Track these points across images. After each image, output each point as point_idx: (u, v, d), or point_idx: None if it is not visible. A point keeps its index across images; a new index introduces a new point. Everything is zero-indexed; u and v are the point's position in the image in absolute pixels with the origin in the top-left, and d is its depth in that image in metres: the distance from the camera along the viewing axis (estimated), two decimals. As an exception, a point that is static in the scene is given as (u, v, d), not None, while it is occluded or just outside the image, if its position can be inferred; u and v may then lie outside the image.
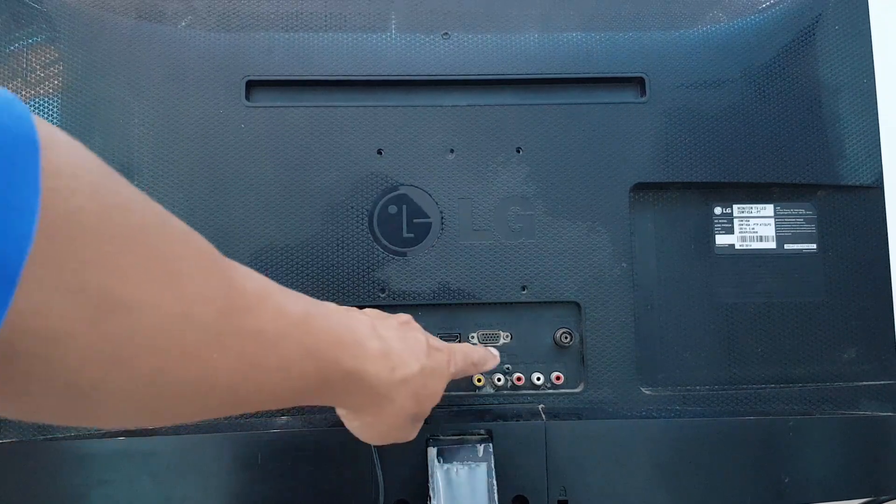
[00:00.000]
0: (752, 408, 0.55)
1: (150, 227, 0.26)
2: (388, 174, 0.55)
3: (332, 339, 0.37)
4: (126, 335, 0.25)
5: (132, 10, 0.56)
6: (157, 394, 0.28)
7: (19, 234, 0.20)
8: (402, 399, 0.41)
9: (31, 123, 0.21)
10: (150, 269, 0.25)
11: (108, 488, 0.49)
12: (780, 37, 0.58)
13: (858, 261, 0.57)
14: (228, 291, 0.30)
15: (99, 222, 0.23)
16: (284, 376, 0.34)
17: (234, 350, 0.30)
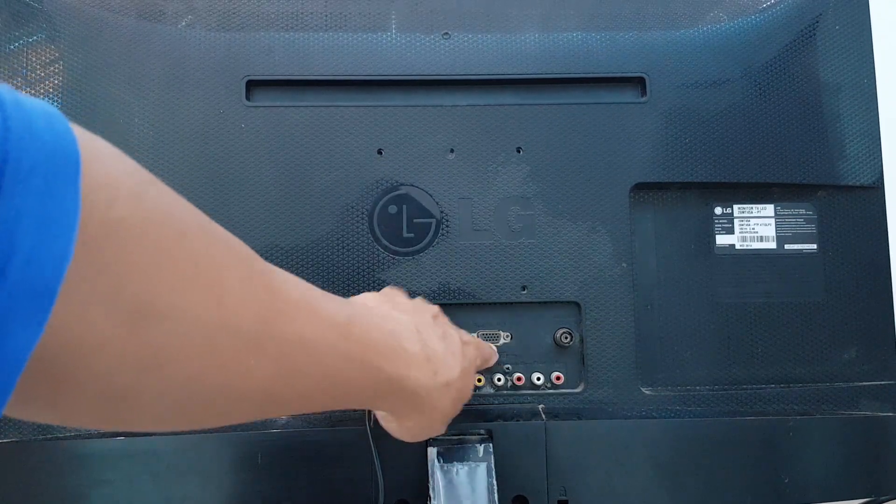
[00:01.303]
0: (752, 408, 0.55)
1: (191, 236, 0.26)
2: (388, 174, 0.55)
3: (374, 346, 0.36)
4: (161, 343, 0.25)
5: (132, 9, 0.56)
6: (194, 398, 0.28)
7: (59, 249, 0.20)
8: (444, 402, 0.41)
9: (72, 138, 0.21)
10: (189, 278, 0.25)
11: (108, 488, 0.49)
12: (780, 37, 0.58)
13: (858, 261, 0.57)
14: (269, 298, 0.30)
15: (138, 232, 0.23)
16: (325, 382, 0.33)
17: (273, 357, 0.30)
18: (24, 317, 0.19)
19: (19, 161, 0.19)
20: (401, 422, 0.43)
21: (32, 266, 0.19)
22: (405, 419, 0.43)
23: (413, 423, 0.43)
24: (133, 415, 0.27)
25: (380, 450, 0.49)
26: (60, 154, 0.21)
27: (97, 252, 0.22)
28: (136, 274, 0.23)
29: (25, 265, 0.19)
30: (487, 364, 0.52)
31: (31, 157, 0.19)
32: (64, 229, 0.20)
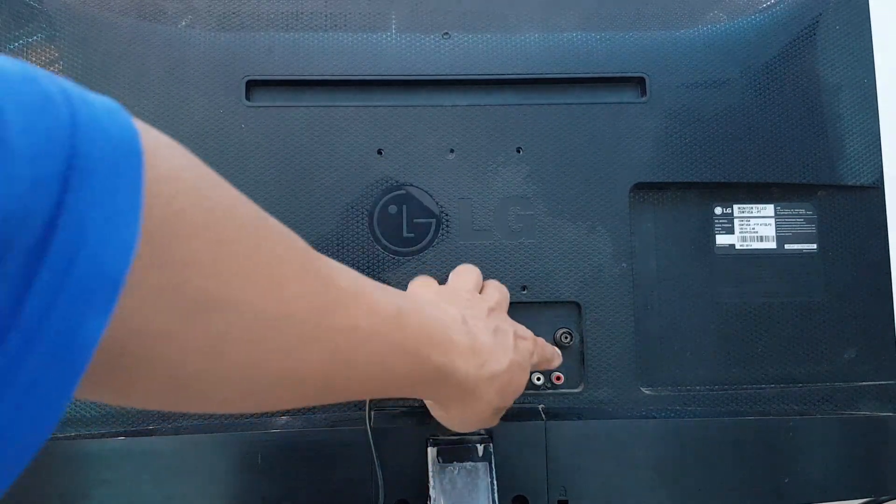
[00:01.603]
0: (752, 408, 0.55)
1: (250, 228, 0.27)
2: (388, 174, 0.55)
3: (423, 336, 0.37)
4: (223, 332, 0.25)
5: (132, 9, 0.56)
6: (256, 385, 0.28)
7: (123, 241, 0.20)
8: (489, 394, 0.42)
9: (134, 132, 0.22)
10: (248, 269, 0.26)
11: (108, 488, 0.49)
12: (780, 36, 0.58)
13: (859, 261, 0.57)
14: (324, 289, 0.31)
15: (200, 225, 0.24)
16: (376, 370, 0.34)
17: (329, 346, 0.31)
18: (91, 305, 0.20)
19: (88, 155, 0.20)
20: (448, 411, 0.44)
21: (100, 257, 0.20)
22: (450, 408, 0.43)
23: (457, 412, 0.43)
24: (200, 399, 0.28)
25: (380, 450, 0.49)
26: (125, 148, 0.21)
27: (160, 244, 0.22)
28: (197, 266, 0.24)
29: (93, 256, 0.19)
30: (550, 365, 0.52)
31: (98, 151, 0.20)
32: (129, 221, 0.21)
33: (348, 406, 0.53)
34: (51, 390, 0.19)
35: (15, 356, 0.18)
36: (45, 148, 0.19)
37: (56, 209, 0.19)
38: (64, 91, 0.20)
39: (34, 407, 0.19)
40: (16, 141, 0.18)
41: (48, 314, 0.19)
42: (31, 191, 0.18)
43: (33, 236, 0.18)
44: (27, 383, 0.19)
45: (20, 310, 0.18)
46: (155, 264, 0.22)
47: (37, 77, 0.20)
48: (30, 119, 0.18)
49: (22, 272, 0.18)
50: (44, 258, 0.18)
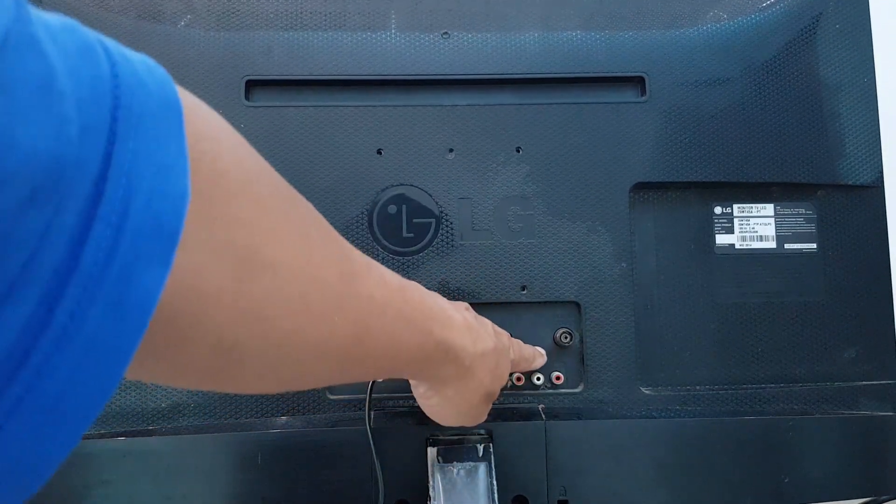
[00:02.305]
0: (752, 408, 0.55)
1: (282, 192, 0.27)
2: (388, 174, 0.55)
3: (424, 309, 0.38)
4: (266, 294, 0.25)
5: (131, 9, 0.56)
6: (289, 355, 0.28)
7: (176, 192, 0.20)
8: (482, 373, 0.43)
9: (174, 88, 0.22)
10: (287, 232, 0.27)
11: (108, 488, 0.49)
12: (780, 36, 0.58)
13: (858, 260, 0.57)
14: (345, 257, 0.31)
15: (242, 185, 0.24)
16: (388, 343, 0.35)
17: (352, 313, 0.31)
18: (149, 257, 0.19)
19: (130, 107, 0.19)
20: (443, 393, 0.44)
21: (153, 207, 0.19)
22: (448, 388, 0.43)
23: (454, 392, 0.43)
24: (237, 371, 0.27)
25: (380, 450, 0.49)
26: (166, 102, 0.21)
27: (208, 202, 0.22)
28: (241, 225, 0.24)
29: (146, 206, 0.19)
30: (531, 364, 0.52)
31: (141, 104, 0.20)
32: (178, 172, 0.20)
33: (348, 406, 0.53)
34: (113, 347, 0.19)
35: (74, 311, 0.18)
36: (90, 94, 0.18)
37: (105, 160, 0.18)
38: (103, 43, 0.20)
39: (96, 365, 0.19)
40: (64, 83, 0.17)
41: (106, 267, 0.18)
42: (81, 136, 0.18)
43: (86, 186, 0.18)
44: (88, 340, 0.18)
45: (77, 264, 0.18)
46: (204, 221, 0.22)
47: (76, 27, 0.19)
48: (74, 65, 0.18)
49: (78, 224, 0.18)
50: (98, 209, 0.18)
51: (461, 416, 0.46)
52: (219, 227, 0.23)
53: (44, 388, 0.17)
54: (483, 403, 0.45)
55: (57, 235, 0.17)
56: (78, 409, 0.19)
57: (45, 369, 0.17)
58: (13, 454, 0.18)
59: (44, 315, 0.17)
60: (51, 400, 0.18)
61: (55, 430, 0.18)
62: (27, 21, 0.17)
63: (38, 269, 0.17)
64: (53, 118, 0.17)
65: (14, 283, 0.17)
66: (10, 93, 0.16)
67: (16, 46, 0.16)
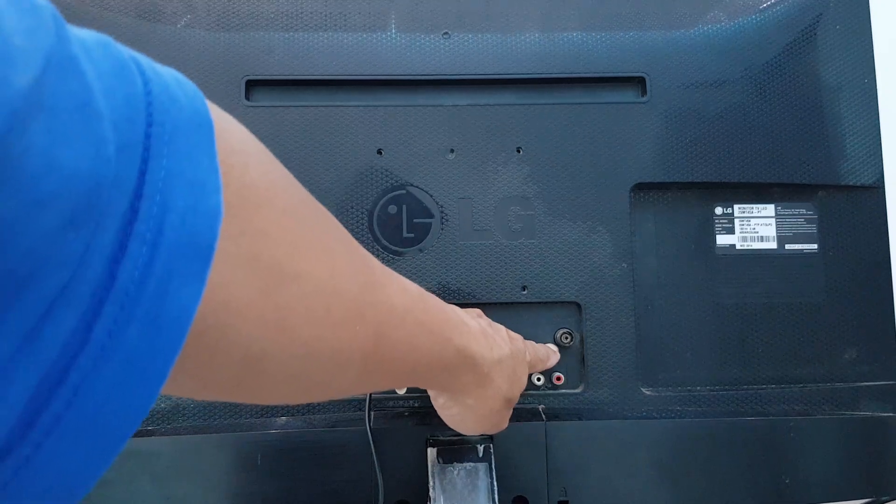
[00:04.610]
0: (753, 408, 0.55)
1: (306, 203, 0.28)
2: (388, 174, 0.55)
3: (443, 318, 0.38)
4: (291, 305, 0.26)
5: (131, 8, 0.56)
6: (311, 365, 0.29)
7: (210, 207, 0.20)
8: (500, 379, 0.43)
9: (204, 102, 0.22)
10: (311, 243, 0.27)
11: (108, 488, 0.49)
12: (780, 36, 0.58)
13: (859, 261, 0.57)
14: (365, 267, 0.31)
15: (268, 198, 0.24)
16: (408, 350, 0.35)
17: (373, 322, 0.31)
18: (184, 273, 0.20)
19: (163, 124, 0.20)
20: (463, 402, 0.44)
21: (188, 223, 0.20)
22: (467, 397, 0.43)
23: (474, 401, 0.43)
24: (261, 382, 0.27)
25: (380, 450, 0.49)
26: (197, 118, 0.21)
27: (237, 215, 0.22)
28: (268, 238, 0.24)
29: (181, 223, 0.19)
30: (546, 363, 0.52)
31: (173, 120, 0.20)
32: (211, 188, 0.21)
33: (348, 406, 0.53)
34: (150, 364, 0.19)
35: (112, 329, 0.18)
36: (125, 113, 0.18)
37: (140, 178, 0.18)
38: (135, 59, 0.20)
39: (134, 382, 0.19)
40: (100, 103, 0.17)
41: (143, 285, 0.18)
42: (117, 156, 0.18)
43: (123, 205, 0.18)
44: (126, 357, 0.18)
45: (114, 281, 0.18)
46: (234, 234, 0.22)
47: (110, 44, 0.19)
48: (109, 84, 0.18)
49: (114, 242, 0.18)
50: (133, 227, 0.18)
51: (483, 424, 0.46)
52: (246, 241, 0.23)
53: (82, 405, 0.17)
54: (504, 409, 0.45)
55: (95, 255, 0.17)
56: (115, 427, 0.19)
57: (83, 387, 0.17)
58: (51, 472, 0.18)
59: (83, 334, 0.17)
60: (89, 418, 0.18)
61: (92, 448, 0.18)
62: (66, 41, 0.17)
63: (77, 288, 0.17)
64: (92, 138, 0.17)
65: (54, 303, 0.17)
66: (53, 114, 0.16)
67: (57, 67, 0.16)
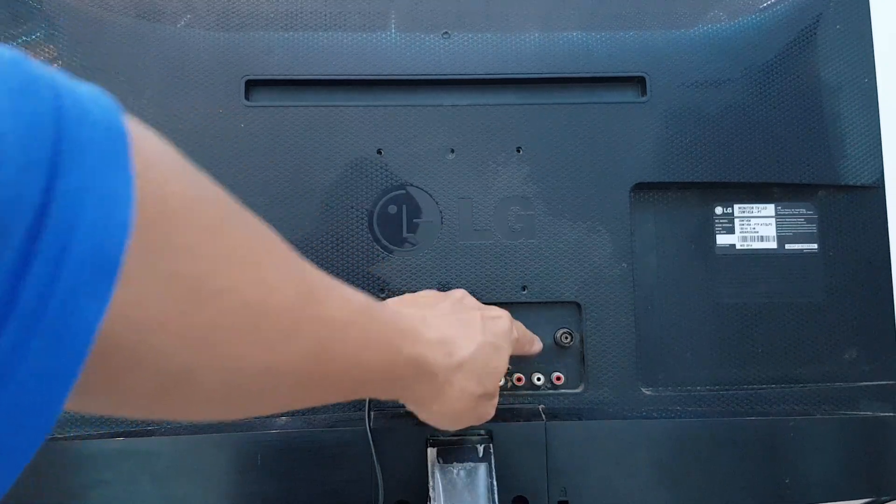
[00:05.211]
0: (753, 408, 0.55)
1: (232, 217, 0.28)
2: (387, 174, 0.55)
3: (392, 328, 0.38)
4: (213, 321, 0.25)
5: (131, 8, 0.56)
6: (239, 380, 0.28)
7: (117, 222, 0.20)
8: (463, 382, 0.42)
9: (119, 117, 0.22)
10: (235, 258, 0.26)
11: (108, 488, 0.49)
12: (780, 36, 0.58)
13: (859, 261, 0.57)
14: (302, 279, 0.31)
15: (187, 212, 0.24)
16: (351, 364, 0.34)
17: (309, 336, 0.31)
18: (89, 289, 0.19)
19: (74, 139, 0.20)
20: (429, 408, 0.43)
21: (95, 238, 0.19)
22: (431, 406, 0.43)
23: (439, 406, 0.43)
24: (184, 399, 0.27)
25: (380, 450, 0.49)
26: (111, 132, 0.21)
27: (153, 230, 0.22)
28: (189, 253, 0.24)
29: (88, 238, 0.19)
30: (525, 350, 0.51)
31: (85, 135, 0.20)
32: (122, 203, 0.20)
33: (348, 406, 0.53)
34: (52, 381, 0.19)
35: (14, 346, 0.18)
36: (31, 131, 0.18)
37: (46, 194, 0.18)
38: (49, 76, 0.20)
39: (36, 399, 0.19)
40: (2, 125, 0.18)
41: (45, 301, 0.18)
42: (19, 175, 0.18)
43: (25, 222, 0.18)
44: (28, 374, 0.18)
45: (17, 298, 0.18)
46: (149, 250, 0.22)
47: (20, 61, 0.19)
48: (14, 103, 0.18)
49: (17, 259, 0.18)
50: (37, 244, 0.18)
51: (460, 421, 0.45)
52: (163, 257, 0.23)
53: None
54: (480, 403, 0.45)
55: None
56: (16, 446, 0.19)
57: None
58: None
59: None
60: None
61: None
62: None
63: None
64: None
65: None
66: None
67: None
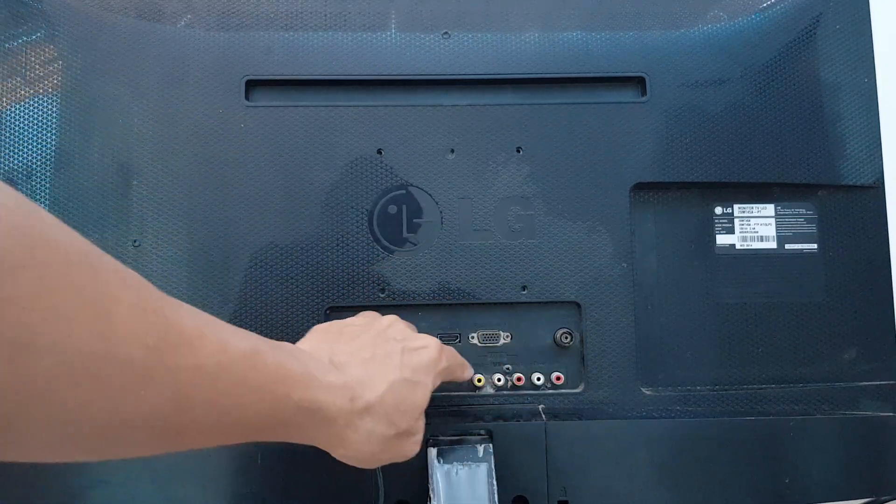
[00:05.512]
0: (753, 408, 0.55)
1: (76, 265, 0.26)
2: (387, 174, 0.55)
3: (280, 374, 0.36)
4: (42, 374, 0.25)
5: (131, 8, 0.56)
6: (82, 428, 0.27)
7: None
8: (370, 425, 0.40)
9: None
10: (72, 309, 0.25)
11: (108, 488, 0.49)
12: (780, 36, 0.58)
13: (859, 261, 0.57)
14: (162, 328, 0.30)
15: (20, 263, 0.24)
16: (227, 411, 0.33)
17: (167, 386, 0.30)
18: None
19: None
20: (335, 451, 0.42)
21: None
22: (336, 448, 0.41)
23: (345, 451, 0.41)
24: (20, 444, 0.27)
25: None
26: None
27: None
28: (16, 305, 0.23)
29: None
30: (457, 376, 0.50)
31: None
32: None
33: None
34: None
35: None
36: None
37: None
38: None
39: None
40: None
41: None
42: None
43: None
44: None
45: None
46: None
47: None
48: None
49: None
50: None
51: (373, 462, 0.43)
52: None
53: None
54: (395, 445, 0.42)
55: None
56: None
57: None
58: None
59: None
60: None
61: None
62: None
63: None
64: None
65: None
66: None
67: None
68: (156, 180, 0.54)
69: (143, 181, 0.54)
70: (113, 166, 0.53)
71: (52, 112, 0.53)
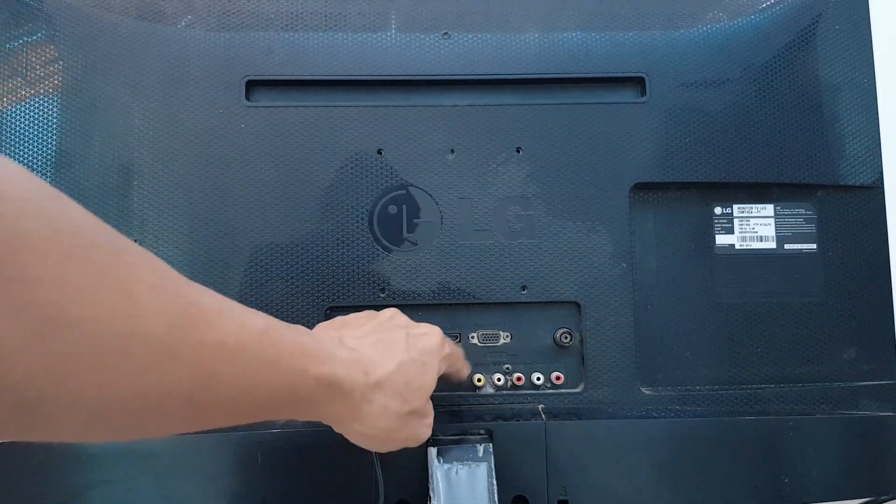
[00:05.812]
0: (752, 408, 0.55)
1: (99, 246, 0.27)
2: (388, 174, 0.55)
3: (296, 349, 0.37)
4: (71, 352, 0.25)
5: (132, 9, 0.56)
6: (109, 406, 0.28)
7: None
8: (384, 400, 0.41)
9: None
10: (97, 287, 0.26)
11: (108, 488, 0.49)
12: (780, 36, 0.58)
13: (858, 261, 0.57)
14: (182, 306, 0.30)
15: (46, 244, 0.24)
16: (247, 387, 0.34)
17: (190, 362, 0.30)
18: None
19: None
20: (350, 427, 0.42)
21: None
22: (351, 423, 0.42)
23: (360, 426, 0.42)
24: (48, 424, 0.27)
25: (380, 450, 0.49)
26: None
27: (4, 263, 0.23)
28: (44, 284, 0.24)
29: None
30: (458, 367, 0.51)
31: None
32: None
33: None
34: None
35: None
36: None
37: None
38: None
39: None
40: None
41: None
42: None
43: None
44: None
45: None
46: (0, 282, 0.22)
47: None
48: None
49: None
50: None
51: (387, 442, 0.44)
52: (15, 288, 0.23)
53: None
54: (408, 424, 0.43)
55: None
56: None
57: None
58: None
59: None
60: None
61: None
62: None
63: None
64: None
65: None
66: None
67: None
68: (156, 180, 0.54)
69: (143, 181, 0.54)
70: (113, 166, 0.54)
71: (52, 112, 0.53)
